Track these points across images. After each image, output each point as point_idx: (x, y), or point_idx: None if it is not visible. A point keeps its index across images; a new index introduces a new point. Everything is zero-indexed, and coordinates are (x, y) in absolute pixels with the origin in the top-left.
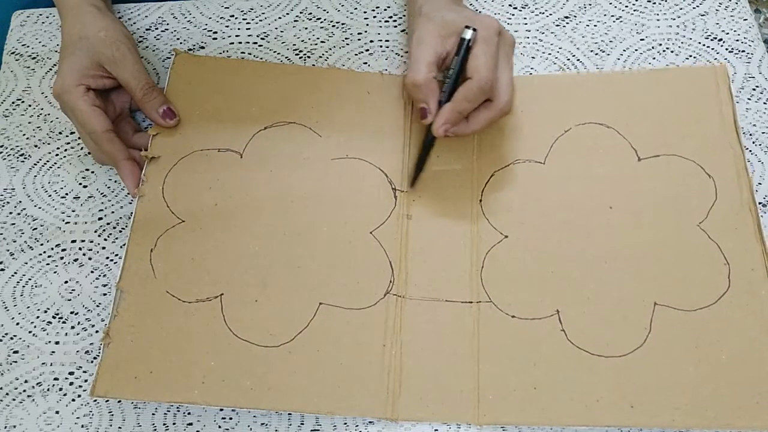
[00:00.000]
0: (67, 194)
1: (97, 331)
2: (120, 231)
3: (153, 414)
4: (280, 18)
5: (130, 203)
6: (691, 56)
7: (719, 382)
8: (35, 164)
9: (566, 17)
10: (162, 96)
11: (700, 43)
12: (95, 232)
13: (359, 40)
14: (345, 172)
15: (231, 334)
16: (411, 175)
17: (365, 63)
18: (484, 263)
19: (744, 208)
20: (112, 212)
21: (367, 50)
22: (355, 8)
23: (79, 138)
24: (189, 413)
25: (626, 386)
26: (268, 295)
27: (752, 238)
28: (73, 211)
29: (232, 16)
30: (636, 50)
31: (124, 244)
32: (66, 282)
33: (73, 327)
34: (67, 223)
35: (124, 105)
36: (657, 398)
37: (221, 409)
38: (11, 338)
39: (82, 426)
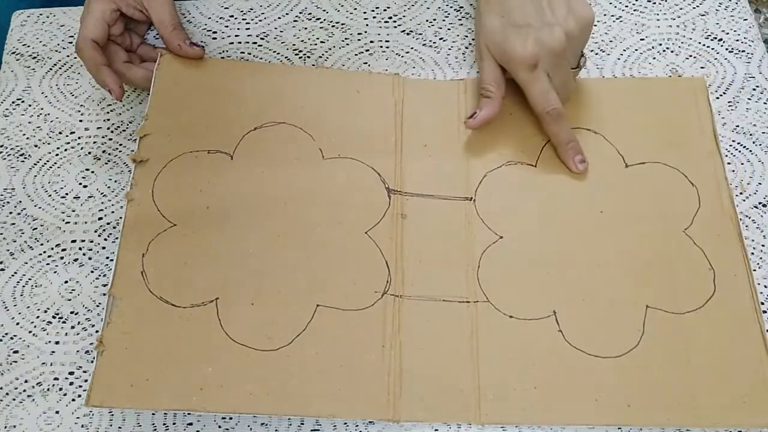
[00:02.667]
0: (67, 194)
1: (97, 331)
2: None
3: (153, 414)
4: (279, 18)
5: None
6: (691, 56)
7: (708, 383)
8: (35, 164)
9: None
10: (186, 33)
11: (700, 43)
12: (95, 232)
13: (359, 40)
14: (337, 171)
15: (228, 338)
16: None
17: (365, 63)
18: (480, 263)
19: (725, 216)
20: (112, 212)
21: (367, 50)
22: (355, 8)
23: (79, 138)
24: (189, 413)
25: (623, 386)
26: (264, 298)
27: (734, 244)
28: (73, 211)
29: (232, 16)
30: (636, 50)
31: None
32: (66, 282)
33: (73, 327)
34: (67, 223)
35: (132, 42)
36: (652, 398)
37: None
38: (11, 338)
39: (82, 426)
